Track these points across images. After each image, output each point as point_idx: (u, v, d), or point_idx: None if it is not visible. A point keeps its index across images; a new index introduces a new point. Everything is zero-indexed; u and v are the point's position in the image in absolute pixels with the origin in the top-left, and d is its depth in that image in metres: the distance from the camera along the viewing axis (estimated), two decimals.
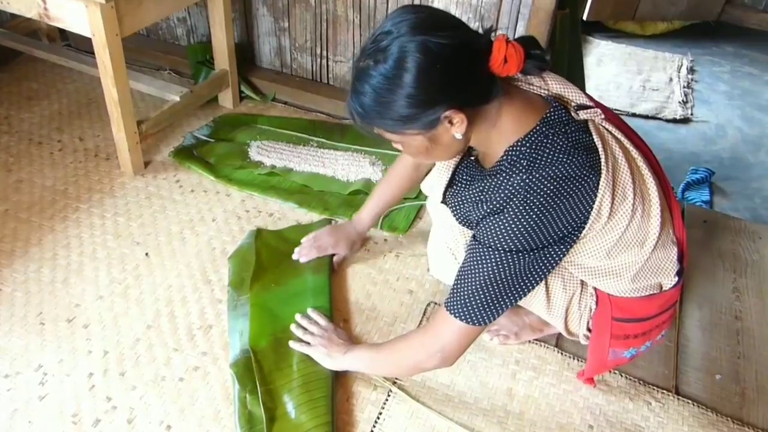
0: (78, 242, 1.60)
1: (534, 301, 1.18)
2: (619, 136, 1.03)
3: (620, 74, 2.78)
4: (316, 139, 2.01)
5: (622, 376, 1.34)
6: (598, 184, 0.95)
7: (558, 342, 1.41)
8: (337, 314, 1.44)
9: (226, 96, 2.15)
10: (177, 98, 1.93)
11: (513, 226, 0.94)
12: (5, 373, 1.27)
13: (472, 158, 1.12)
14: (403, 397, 1.26)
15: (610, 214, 0.97)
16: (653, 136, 2.36)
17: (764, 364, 1.41)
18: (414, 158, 1.10)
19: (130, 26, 1.65)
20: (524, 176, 0.93)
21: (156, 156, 1.92)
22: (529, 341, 1.39)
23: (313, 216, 1.72)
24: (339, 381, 1.28)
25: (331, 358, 1.25)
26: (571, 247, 0.99)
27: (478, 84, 0.91)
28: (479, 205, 1.01)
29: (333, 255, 1.53)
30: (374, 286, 1.52)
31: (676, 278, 1.13)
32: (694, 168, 2.11)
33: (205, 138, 2.00)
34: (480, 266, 0.98)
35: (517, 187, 0.93)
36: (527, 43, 0.93)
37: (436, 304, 1.48)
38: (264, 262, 1.51)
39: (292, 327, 1.35)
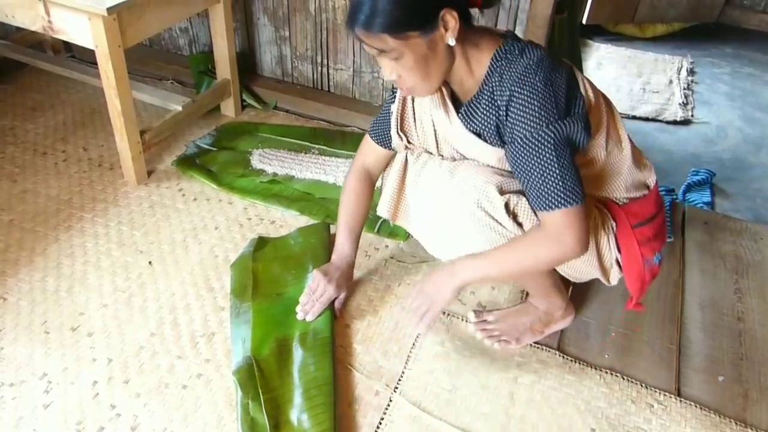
0: (82, 251, 1.61)
1: None
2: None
3: (620, 77, 2.79)
4: (317, 146, 2.03)
5: (624, 378, 1.34)
6: (574, 73, 1.12)
7: (559, 346, 1.41)
8: (340, 320, 1.45)
9: (228, 105, 2.17)
10: (179, 108, 1.95)
11: (536, 98, 1.04)
12: (10, 381, 1.28)
13: (452, 114, 1.21)
14: (404, 402, 1.27)
15: (586, 90, 1.12)
16: (654, 138, 2.36)
17: (767, 365, 1.40)
18: (411, 78, 1.09)
19: (133, 37, 1.67)
20: (522, 61, 1.06)
21: (159, 165, 1.94)
22: (531, 345, 1.40)
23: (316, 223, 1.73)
24: (341, 387, 1.29)
25: (443, 287, 1.18)
26: (587, 122, 1.10)
27: None
28: (491, 111, 1.12)
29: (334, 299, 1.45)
30: (376, 292, 1.53)
31: (654, 175, 1.30)
32: (695, 169, 2.11)
33: (207, 147, 2.01)
34: (543, 154, 1.06)
35: (521, 70, 1.05)
36: None
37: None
38: (265, 269, 1.53)
39: (414, 327, 1.25)
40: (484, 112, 1.15)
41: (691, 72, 2.86)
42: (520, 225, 1.17)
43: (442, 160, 1.29)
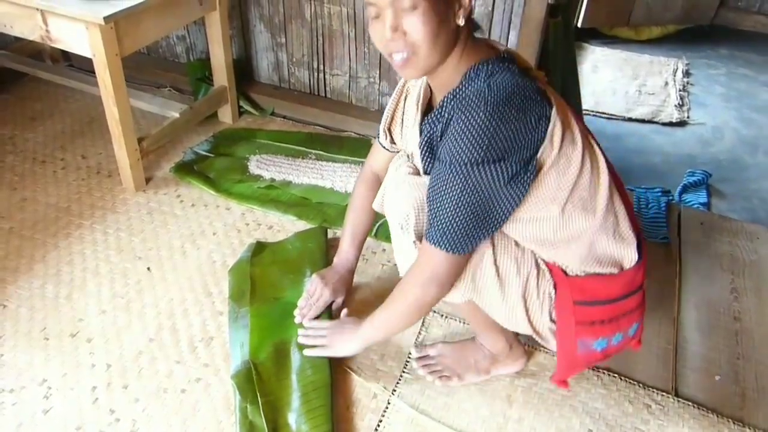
0: (81, 258, 1.62)
1: (487, 294, 1.12)
2: (562, 101, 1.07)
3: (616, 80, 2.80)
4: (314, 151, 2.04)
5: (621, 379, 1.35)
6: (551, 113, 0.98)
7: None
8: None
9: (226, 111, 2.18)
10: (177, 115, 1.97)
11: (474, 131, 0.94)
12: (10, 387, 1.29)
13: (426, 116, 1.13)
14: (402, 405, 1.28)
15: (560, 147, 0.99)
16: (650, 139, 2.37)
17: (764, 364, 1.41)
18: (415, 37, 0.99)
19: (130, 46, 1.69)
20: (483, 86, 0.97)
21: (157, 172, 1.95)
22: (528, 347, 1.40)
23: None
24: (338, 390, 1.29)
25: (351, 341, 1.26)
26: (532, 173, 0.98)
27: None
28: (439, 121, 1.04)
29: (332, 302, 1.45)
30: (373, 295, 1.53)
31: (636, 255, 1.12)
32: (691, 171, 2.12)
33: (205, 153, 2.03)
34: (450, 188, 0.98)
35: (475, 98, 0.95)
36: None
37: (434, 312, 1.49)
38: (263, 274, 1.53)
39: (300, 338, 1.35)
40: (431, 126, 1.08)
41: (686, 74, 2.88)
42: None
43: (407, 168, 1.17)
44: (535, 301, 1.12)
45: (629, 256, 1.12)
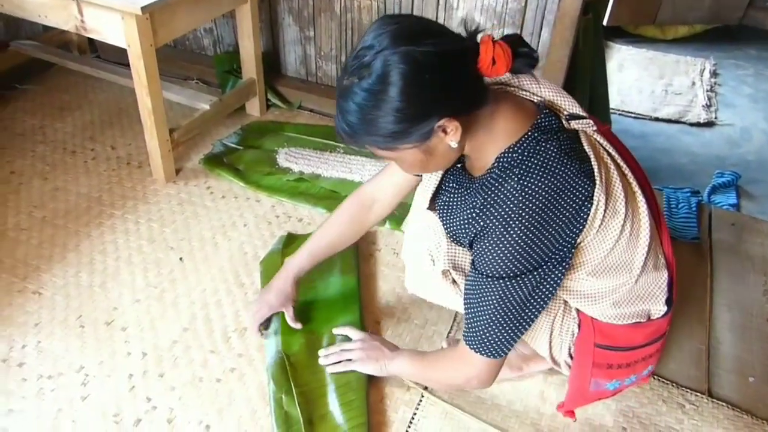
0: (114, 247, 1.63)
1: None
2: (611, 150, 1.01)
3: (642, 79, 2.78)
4: (342, 145, 2.04)
5: (654, 378, 1.34)
6: (593, 193, 0.92)
7: None
8: (369, 317, 1.46)
9: (254, 104, 2.19)
10: (207, 107, 1.98)
11: (510, 248, 0.91)
12: (48, 373, 1.30)
13: (459, 165, 1.07)
14: (435, 398, 1.28)
15: (600, 225, 0.94)
16: (677, 140, 2.36)
17: None
18: (409, 172, 1.05)
19: (164, 37, 1.70)
20: (517, 187, 0.89)
21: (186, 163, 1.97)
22: None
23: None
24: (372, 382, 1.29)
25: (378, 362, 1.23)
26: (571, 258, 0.95)
27: (468, 89, 0.88)
28: (471, 223, 0.97)
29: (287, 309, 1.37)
30: (404, 289, 1.53)
31: (665, 307, 1.10)
32: (719, 171, 2.11)
33: (233, 146, 2.03)
34: (487, 299, 0.96)
35: (511, 205, 0.90)
36: (514, 41, 0.88)
37: None
38: None
39: (323, 359, 1.30)
40: (463, 216, 1.01)
41: (714, 74, 2.85)
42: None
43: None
44: (557, 337, 1.13)
45: (658, 308, 1.11)
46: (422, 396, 1.28)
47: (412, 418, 1.24)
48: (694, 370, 1.38)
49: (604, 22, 2.99)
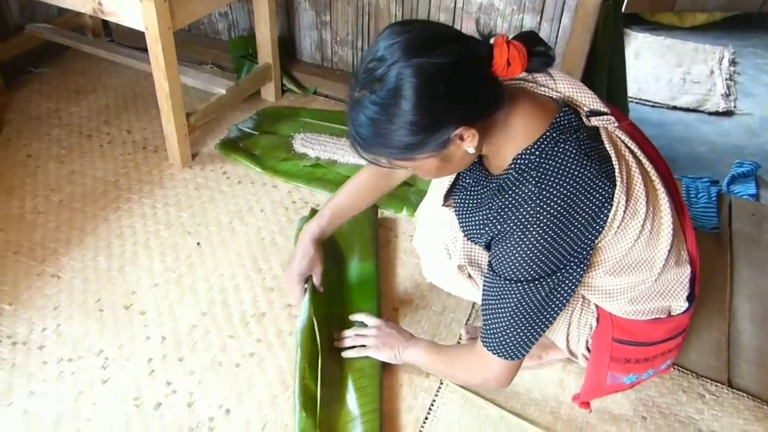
0: (131, 232, 1.64)
1: None
2: (633, 146, 0.98)
3: (659, 66, 2.75)
4: None
5: (674, 368, 1.33)
6: (613, 194, 0.90)
7: None
8: (387, 303, 1.45)
9: (269, 89, 2.18)
10: (223, 91, 1.97)
11: (529, 252, 0.90)
12: (68, 356, 1.31)
13: (476, 161, 1.05)
14: (454, 386, 1.28)
15: (619, 226, 0.93)
16: (695, 128, 2.33)
17: None
18: (426, 178, 1.03)
19: (182, 20, 1.69)
20: (535, 191, 0.88)
21: (203, 148, 1.96)
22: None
23: None
24: (390, 368, 1.29)
25: (392, 350, 1.24)
26: (590, 260, 0.95)
27: (483, 95, 0.86)
28: (488, 225, 0.96)
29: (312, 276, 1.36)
30: (422, 276, 1.53)
31: (686, 304, 1.08)
32: (739, 161, 2.08)
33: (249, 131, 2.03)
34: (505, 302, 0.96)
35: (529, 209, 0.88)
36: (528, 39, 0.85)
37: None
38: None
39: (337, 342, 1.31)
40: (480, 218, 1.01)
41: (732, 62, 2.81)
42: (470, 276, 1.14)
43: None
44: (575, 330, 1.12)
45: (678, 305, 1.09)
46: (441, 383, 1.28)
47: (432, 405, 1.24)
48: (714, 360, 1.37)
49: (622, 9, 2.95)
